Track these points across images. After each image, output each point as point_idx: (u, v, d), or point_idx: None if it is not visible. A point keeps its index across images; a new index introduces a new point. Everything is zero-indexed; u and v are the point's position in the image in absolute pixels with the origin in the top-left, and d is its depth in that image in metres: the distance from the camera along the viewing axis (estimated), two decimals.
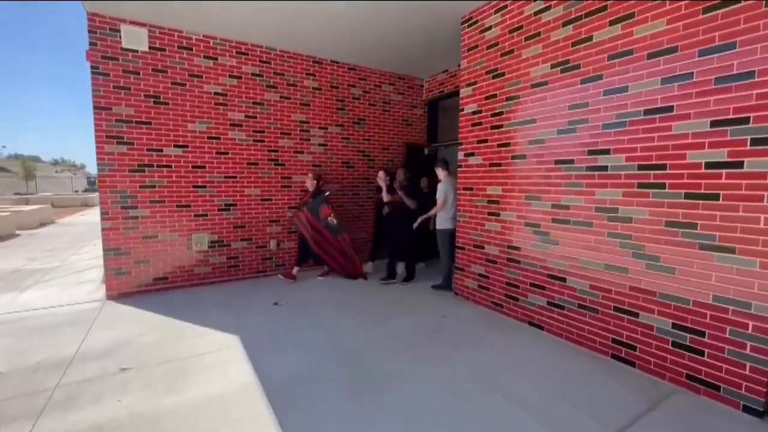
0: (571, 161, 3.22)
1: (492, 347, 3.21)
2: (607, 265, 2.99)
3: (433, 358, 3.01)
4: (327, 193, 5.17)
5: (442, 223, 4.69)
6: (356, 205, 6.33)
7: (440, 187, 4.65)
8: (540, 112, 3.46)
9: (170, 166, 4.74)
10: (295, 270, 5.23)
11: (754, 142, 2.22)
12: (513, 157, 3.76)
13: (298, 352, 3.09)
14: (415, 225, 4.91)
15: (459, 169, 4.44)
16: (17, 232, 9.86)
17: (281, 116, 5.45)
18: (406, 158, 6.69)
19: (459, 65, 4.36)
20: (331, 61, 5.78)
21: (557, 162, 3.33)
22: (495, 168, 3.97)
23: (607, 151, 2.96)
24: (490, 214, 4.06)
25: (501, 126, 3.88)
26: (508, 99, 3.78)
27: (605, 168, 2.97)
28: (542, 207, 3.49)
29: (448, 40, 4.84)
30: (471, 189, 4.29)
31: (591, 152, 3.07)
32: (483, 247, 4.16)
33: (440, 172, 4.73)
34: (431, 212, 4.77)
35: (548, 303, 3.47)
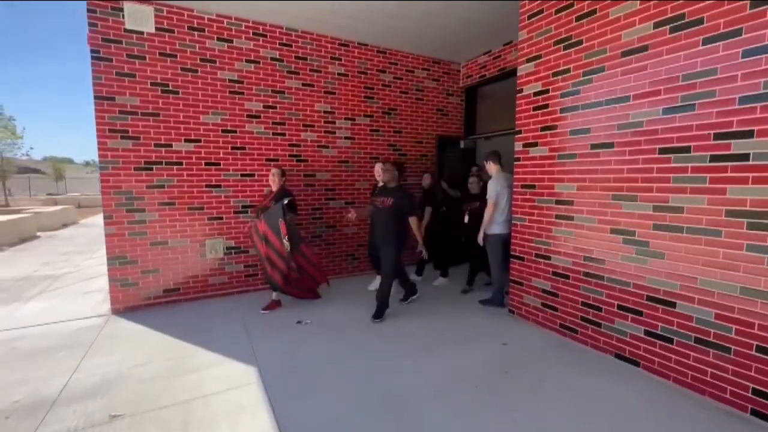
0: (687, 149, 2.43)
1: (581, 391, 2.46)
2: (746, 288, 2.20)
3: (507, 408, 2.30)
4: (290, 198, 3.85)
5: (494, 227, 3.94)
6: None
7: (491, 185, 3.91)
8: (636, 87, 2.68)
9: (181, 164, 4.19)
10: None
11: None
12: (594, 147, 2.99)
13: (330, 396, 2.44)
14: (479, 238, 3.98)
15: (516, 162, 3.69)
16: (38, 234, 9.71)
17: (303, 106, 4.83)
18: (437, 153, 5.98)
19: (510, 42, 3.61)
20: (358, 43, 5.11)
21: (663, 151, 2.55)
22: (567, 160, 3.21)
23: (748, 134, 2.16)
24: (559, 217, 3.30)
25: (576, 108, 3.11)
26: (586, 73, 3.01)
27: (745, 157, 2.18)
28: (639, 209, 2.71)
29: (496, 13, 4.09)
30: (532, 187, 3.53)
31: (720, 136, 2.28)
32: (549, 258, 3.41)
33: (491, 167, 3.99)
34: (486, 218, 3.89)
35: (647, 333, 2.69)
